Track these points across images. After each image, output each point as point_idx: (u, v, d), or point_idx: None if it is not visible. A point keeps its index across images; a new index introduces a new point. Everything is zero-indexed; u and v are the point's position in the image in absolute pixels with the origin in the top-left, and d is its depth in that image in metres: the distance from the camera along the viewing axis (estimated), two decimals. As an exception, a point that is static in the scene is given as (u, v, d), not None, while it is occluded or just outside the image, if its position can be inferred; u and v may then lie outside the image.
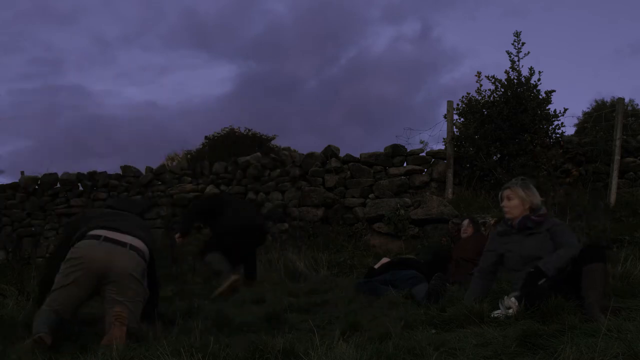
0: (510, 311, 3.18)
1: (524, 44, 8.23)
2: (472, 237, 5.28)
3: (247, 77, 40.81)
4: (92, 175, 10.51)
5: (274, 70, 41.20)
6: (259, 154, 9.72)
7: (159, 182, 10.23)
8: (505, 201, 3.65)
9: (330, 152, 9.00)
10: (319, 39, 44.96)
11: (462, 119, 8.60)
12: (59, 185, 10.69)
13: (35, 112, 33.74)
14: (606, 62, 42.55)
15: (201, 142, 12.97)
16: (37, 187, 10.73)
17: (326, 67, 43.43)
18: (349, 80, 40.09)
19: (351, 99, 35.22)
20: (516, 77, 8.23)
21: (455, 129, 8.46)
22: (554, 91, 8.21)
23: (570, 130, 16.11)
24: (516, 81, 8.21)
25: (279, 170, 9.27)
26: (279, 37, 44.77)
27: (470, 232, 5.37)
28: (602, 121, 8.45)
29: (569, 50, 43.10)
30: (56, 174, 10.75)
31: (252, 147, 11.18)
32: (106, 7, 45.93)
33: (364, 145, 36.62)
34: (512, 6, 46.23)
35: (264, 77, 39.54)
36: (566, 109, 8.18)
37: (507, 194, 3.65)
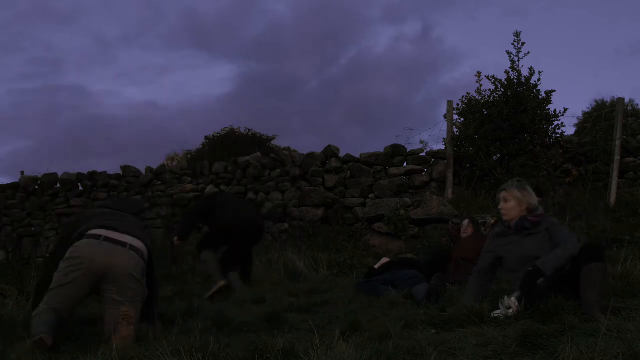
0: (510, 311, 3.18)
1: (524, 44, 8.25)
2: (472, 237, 5.28)
3: (247, 77, 40.83)
4: (92, 175, 10.51)
5: (274, 70, 41.23)
6: (259, 154, 9.72)
7: (159, 182, 10.23)
8: (502, 203, 3.65)
9: (330, 152, 9.00)
10: (319, 39, 44.98)
11: (462, 119, 8.60)
12: (59, 185, 10.69)
13: (35, 112, 33.78)
14: (606, 62, 42.58)
15: (201, 142, 12.98)
16: (37, 187, 10.73)
17: (326, 67, 43.45)
18: (349, 80, 40.12)
19: (351, 99, 35.25)
20: (516, 77, 8.23)
21: (455, 129, 8.46)
22: (554, 91, 8.23)
23: (570, 130, 16.14)
24: (516, 81, 8.21)
25: (279, 170, 9.27)
26: (279, 37, 44.79)
27: (470, 232, 5.37)
28: (602, 121, 8.45)
29: (569, 50, 43.13)
30: (56, 174, 10.75)
31: (252, 147, 11.18)
32: (106, 7, 45.96)
33: (364, 145, 36.63)
34: (512, 6, 46.26)
35: (264, 77, 39.57)
36: (566, 109, 8.19)
37: (503, 196, 3.65)
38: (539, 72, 8.20)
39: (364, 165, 8.79)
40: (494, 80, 8.31)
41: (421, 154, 8.77)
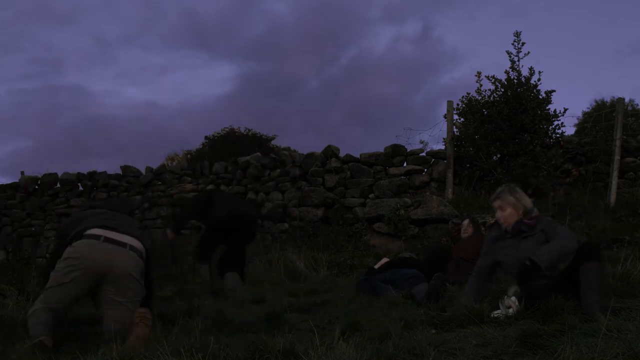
0: (510, 311, 3.18)
1: (524, 44, 8.26)
2: (472, 237, 5.28)
3: (247, 77, 40.84)
4: (92, 175, 10.51)
5: (274, 70, 41.24)
6: (259, 154, 9.72)
7: (159, 182, 10.23)
8: (499, 212, 3.62)
9: (330, 152, 9.00)
10: (319, 39, 44.99)
11: (462, 119, 8.60)
12: (59, 185, 10.70)
13: (35, 112, 33.80)
14: (606, 62, 42.58)
15: (201, 142, 12.98)
16: (37, 187, 10.73)
17: (326, 67, 43.46)
18: (349, 80, 40.13)
19: (351, 99, 35.26)
20: (516, 77, 8.23)
21: (455, 129, 8.46)
22: (554, 91, 8.24)
23: (570, 130, 16.12)
24: (516, 81, 8.21)
25: (279, 170, 9.27)
26: (279, 37, 44.79)
27: (470, 232, 5.37)
28: (602, 121, 8.45)
29: (569, 50, 43.13)
30: (56, 174, 10.75)
31: (252, 147, 11.18)
32: (106, 7, 45.96)
33: (364, 145, 36.64)
34: (512, 6, 46.26)
35: (264, 77, 39.58)
36: (566, 109, 8.20)
37: (499, 205, 3.62)
38: (539, 72, 8.23)
39: (364, 165, 8.79)
40: (494, 80, 8.32)
41: (421, 154, 8.77)
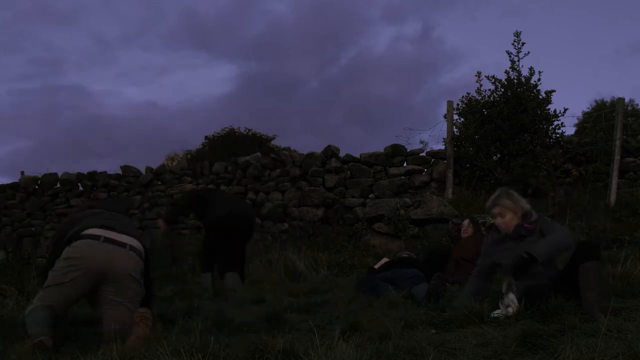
0: (509, 309, 3.18)
1: (524, 44, 8.25)
2: (472, 237, 5.28)
3: (247, 77, 40.88)
4: (92, 175, 10.51)
5: (274, 70, 41.27)
6: (259, 154, 9.71)
7: (159, 182, 10.23)
8: (499, 219, 3.60)
9: (330, 152, 8.99)
10: (319, 39, 45.02)
11: (462, 119, 8.60)
12: (59, 185, 10.70)
13: (35, 112, 33.83)
14: (606, 62, 42.61)
15: (201, 142, 13.01)
16: (37, 187, 10.73)
17: (326, 67, 43.49)
18: (349, 80, 40.16)
19: (351, 99, 35.28)
20: (516, 77, 8.23)
21: (455, 129, 8.45)
22: (554, 91, 8.23)
23: (570, 130, 16.14)
24: (516, 81, 8.21)
25: (279, 170, 9.27)
26: (279, 37, 44.83)
27: (470, 232, 5.37)
28: (602, 121, 8.44)
29: (569, 50, 43.17)
30: (56, 174, 10.76)
31: (252, 147, 11.19)
32: (106, 7, 45.99)
33: (364, 145, 36.66)
34: (512, 6, 46.29)
35: (264, 77, 39.61)
36: (566, 109, 8.20)
37: (498, 212, 3.60)
38: (539, 72, 8.23)
39: (364, 165, 8.79)
40: (494, 80, 8.32)
41: (421, 154, 8.77)
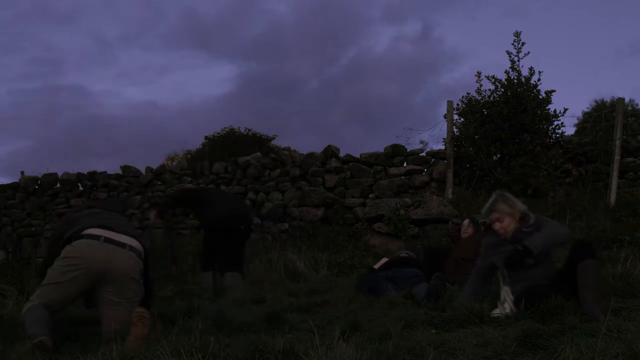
0: (505, 306, 3.18)
1: (524, 44, 8.25)
2: (472, 237, 5.27)
3: (247, 77, 40.89)
4: (92, 175, 10.51)
5: (274, 70, 41.29)
6: (259, 154, 9.71)
7: (159, 182, 10.22)
8: (497, 224, 3.58)
9: (330, 152, 8.99)
10: (319, 39, 45.04)
11: (462, 119, 8.60)
12: (59, 185, 10.69)
13: (35, 112, 33.85)
14: (606, 62, 42.63)
15: (201, 142, 13.01)
16: (37, 187, 10.73)
17: (326, 67, 43.50)
18: (349, 80, 40.18)
19: (351, 99, 35.30)
20: (516, 77, 8.23)
21: (455, 129, 8.45)
22: (554, 91, 8.23)
23: (570, 130, 16.14)
24: (516, 81, 8.21)
25: (279, 170, 9.27)
26: (279, 37, 44.84)
27: (470, 232, 5.37)
28: (602, 121, 8.44)
29: (569, 50, 43.19)
30: (56, 174, 10.75)
31: (252, 147, 11.19)
32: (106, 7, 46.00)
33: (364, 145, 36.67)
34: (512, 6, 46.30)
35: (264, 77, 39.63)
36: (566, 109, 8.20)
37: (496, 218, 3.58)
38: (539, 72, 8.22)
39: (364, 165, 8.79)
40: (494, 80, 8.32)
41: (421, 154, 8.76)
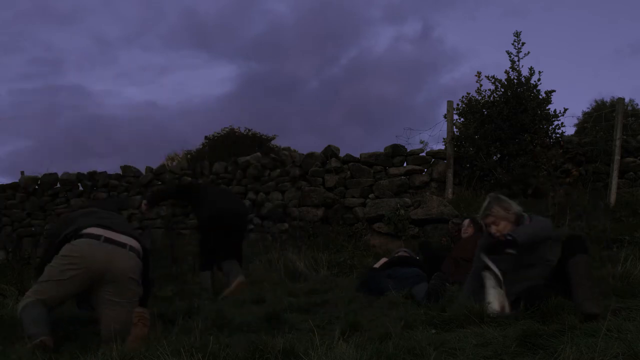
0: (492, 306, 3.19)
1: (524, 44, 8.25)
2: (472, 237, 5.26)
3: (247, 77, 40.93)
4: (92, 175, 10.51)
5: (274, 70, 41.31)
6: (259, 154, 9.71)
7: (159, 182, 10.22)
8: (493, 228, 3.56)
9: (330, 152, 8.99)
10: (319, 39, 45.06)
11: (462, 119, 8.60)
12: (59, 185, 10.69)
13: (35, 112, 33.87)
14: (606, 62, 42.65)
15: (201, 142, 13.01)
16: (37, 187, 10.73)
17: (326, 67, 43.53)
18: (349, 80, 40.21)
19: (351, 99, 35.32)
20: (516, 77, 8.23)
21: (455, 129, 8.45)
22: (554, 91, 8.23)
23: (570, 130, 16.17)
24: (516, 81, 8.21)
25: (279, 170, 9.27)
26: (280, 37, 44.86)
27: (470, 232, 5.37)
28: (602, 121, 8.44)
29: (569, 50, 43.21)
30: (56, 174, 10.75)
31: (252, 147, 11.19)
32: (106, 7, 46.02)
33: (364, 145, 36.67)
34: (512, 6, 46.32)
35: (264, 77, 39.66)
36: (566, 109, 8.19)
37: (491, 221, 3.56)
38: (539, 72, 8.22)
39: (364, 165, 8.79)
40: (494, 80, 8.32)
41: (421, 154, 8.76)
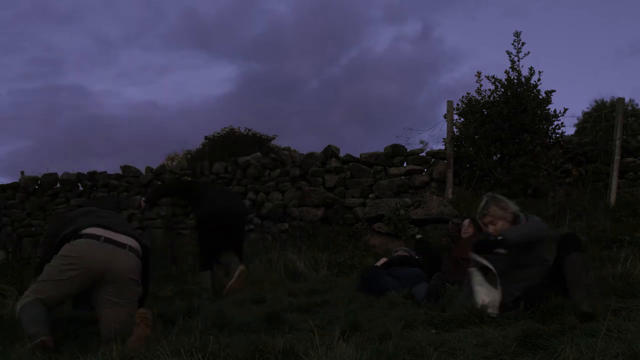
0: (478, 297, 3.21)
1: (524, 44, 8.25)
2: (472, 237, 5.26)
3: (247, 77, 40.92)
4: (92, 175, 10.51)
5: (274, 70, 41.32)
6: (259, 154, 9.71)
7: (159, 182, 10.21)
8: (491, 227, 3.57)
9: (330, 152, 8.99)
10: (319, 39, 45.06)
11: (462, 119, 8.60)
12: (59, 185, 10.69)
13: (35, 112, 33.86)
14: (606, 62, 42.65)
15: (201, 142, 12.99)
16: (37, 187, 10.72)
17: (326, 67, 43.53)
18: (350, 80, 40.21)
19: (351, 99, 35.32)
20: (516, 77, 8.23)
21: (455, 129, 8.45)
22: (554, 91, 8.23)
23: (570, 130, 16.17)
24: (516, 81, 8.21)
25: (279, 170, 9.27)
26: (280, 37, 44.86)
27: (471, 232, 5.37)
28: (602, 121, 8.44)
29: (569, 50, 43.21)
30: (56, 174, 10.75)
31: (252, 147, 11.18)
32: (106, 7, 46.03)
33: (364, 145, 36.67)
34: (512, 6, 46.33)
35: (264, 77, 39.66)
36: (566, 109, 8.19)
37: (489, 220, 3.58)
38: (539, 72, 8.22)
39: (364, 165, 8.79)
40: (494, 80, 8.32)
41: (421, 154, 8.76)
